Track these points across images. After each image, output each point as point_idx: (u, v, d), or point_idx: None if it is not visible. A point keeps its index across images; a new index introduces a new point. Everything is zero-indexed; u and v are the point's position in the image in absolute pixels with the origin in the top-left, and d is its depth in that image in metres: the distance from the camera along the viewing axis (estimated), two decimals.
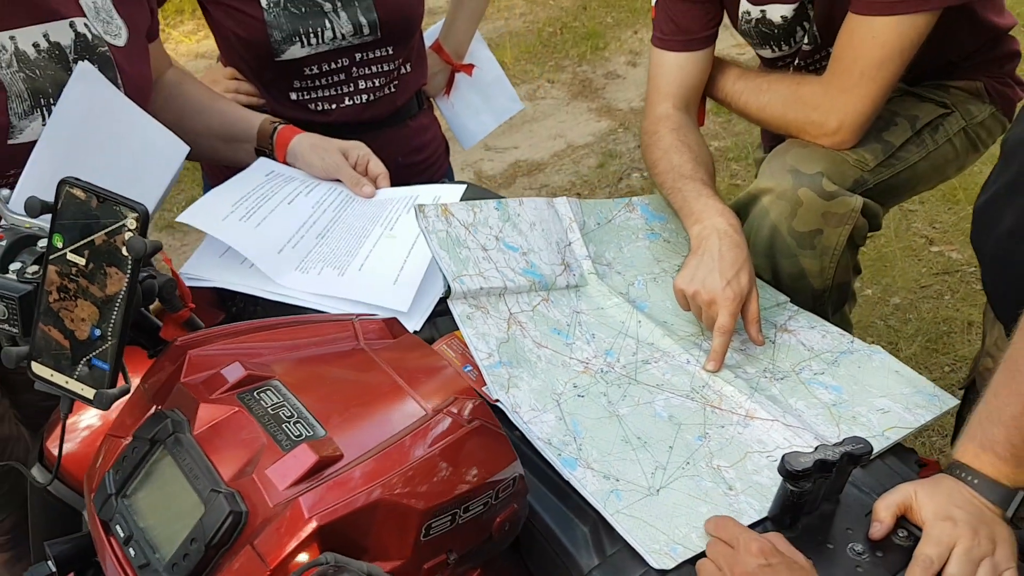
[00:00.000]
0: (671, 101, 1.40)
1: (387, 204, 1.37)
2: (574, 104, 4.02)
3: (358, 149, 1.42)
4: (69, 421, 0.93)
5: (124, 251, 0.73)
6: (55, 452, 0.95)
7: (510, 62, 4.33)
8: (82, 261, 0.74)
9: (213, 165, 1.66)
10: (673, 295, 1.24)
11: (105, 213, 0.73)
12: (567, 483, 0.96)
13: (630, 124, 3.78)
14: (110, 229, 0.73)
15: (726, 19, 1.45)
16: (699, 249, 1.19)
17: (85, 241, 0.74)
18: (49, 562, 0.81)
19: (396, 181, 1.59)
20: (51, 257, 0.75)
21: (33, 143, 1.07)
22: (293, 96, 1.59)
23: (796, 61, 1.42)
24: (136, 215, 0.72)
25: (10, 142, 1.05)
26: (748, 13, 1.37)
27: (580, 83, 4.17)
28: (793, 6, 1.32)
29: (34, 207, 0.75)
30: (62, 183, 0.75)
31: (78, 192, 0.74)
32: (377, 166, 1.41)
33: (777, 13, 1.34)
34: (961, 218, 2.91)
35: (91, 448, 0.97)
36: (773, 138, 1.52)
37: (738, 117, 3.75)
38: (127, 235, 0.73)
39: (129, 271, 0.73)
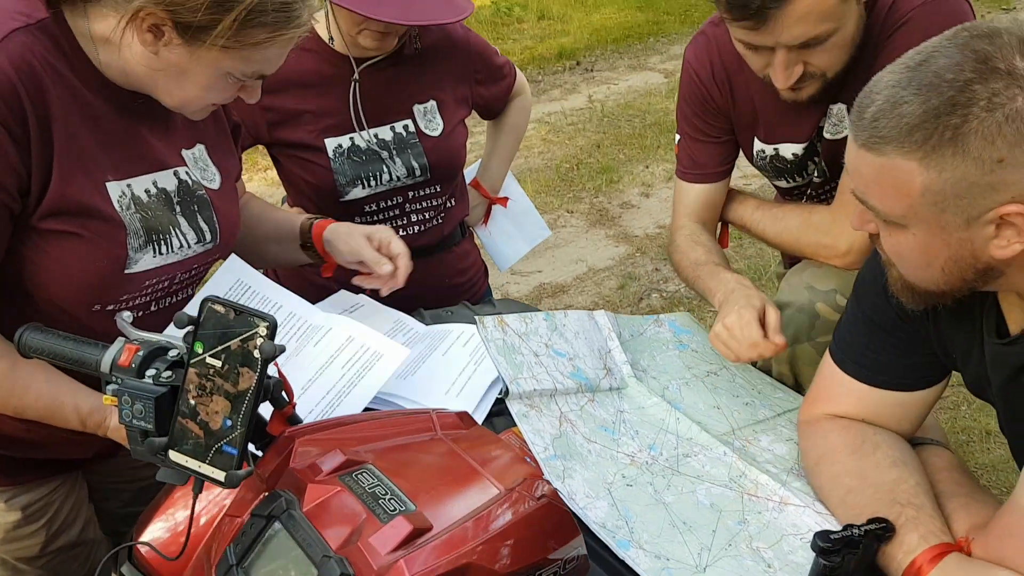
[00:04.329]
0: (689, 220, 1.61)
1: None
2: (592, 231, 4.24)
3: (380, 232, 1.48)
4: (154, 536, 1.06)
5: (256, 353, 0.88)
6: (143, 551, 1.07)
7: (531, 195, 4.55)
8: (218, 363, 0.89)
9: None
10: (705, 397, 1.37)
11: (240, 323, 0.89)
12: (622, 563, 1.07)
13: (647, 249, 3.99)
14: (245, 336, 0.89)
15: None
16: (722, 312, 1.37)
17: (222, 347, 0.89)
18: None
19: (443, 301, 1.76)
20: (192, 361, 0.90)
21: (144, 272, 1.24)
22: None
23: (809, 191, 1.60)
24: (267, 324, 0.88)
25: (126, 271, 1.22)
26: (763, 151, 1.57)
27: (597, 212, 4.41)
28: (803, 144, 1.51)
29: (181, 320, 0.91)
30: (205, 301, 0.91)
31: (219, 307, 0.90)
32: (398, 246, 1.45)
33: (789, 151, 1.53)
34: None
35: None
36: (793, 256, 1.69)
37: (749, 240, 3.93)
38: (259, 340, 0.88)
39: (259, 370, 0.88)
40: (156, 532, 1.09)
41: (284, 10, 1.11)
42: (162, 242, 1.25)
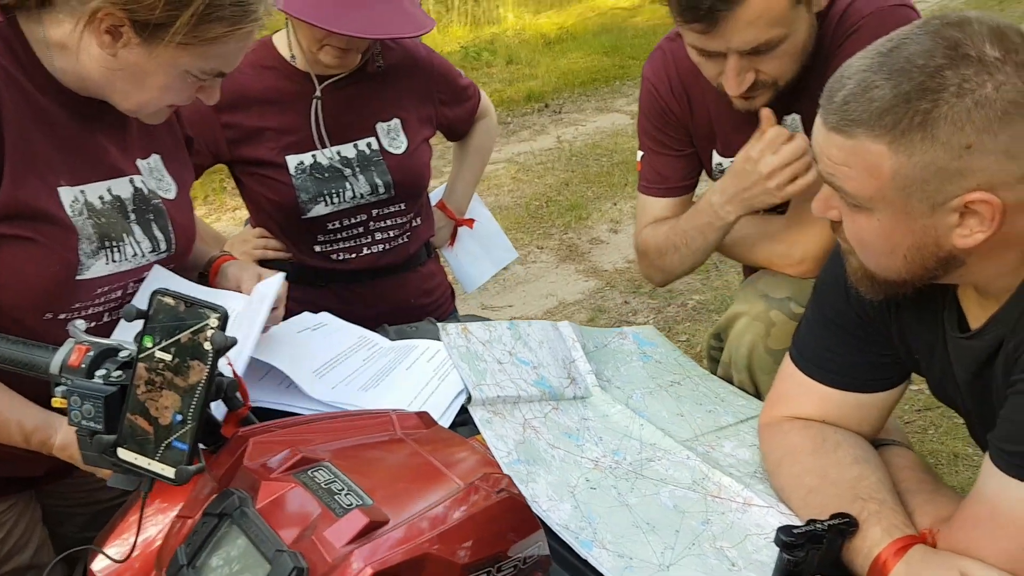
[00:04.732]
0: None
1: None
2: (563, 267, 4.27)
3: (271, 274, 1.44)
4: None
5: (207, 345, 0.86)
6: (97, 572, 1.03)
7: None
8: (168, 357, 0.88)
9: None
10: (668, 405, 1.37)
11: (191, 315, 0.88)
12: (585, 564, 1.05)
13: (616, 283, 4.01)
14: (195, 328, 0.87)
15: None
16: (740, 193, 1.41)
17: (173, 340, 0.88)
18: None
19: (408, 320, 1.75)
20: (141, 356, 0.89)
21: (96, 279, 1.23)
22: (317, 248, 1.77)
23: None
24: (218, 315, 0.87)
25: (78, 278, 1.20)
26: (721, 165, 1.59)
27: (567, 248, 4.44)
28: None
29: (130, 313, 0.90)
30: (155, 293, 0.89)
31: (168, 299, 0.89)
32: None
33: None
34: None
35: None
36: (750, 268, 1.70)
37: (716, 272, 3.95)
38: (210, 332, 0.87)
39: (210, 362, 0.86)
40: (111, 553, 1.05)
41: (241, 4, 1.12)
42: (115, 249, 1.23)
